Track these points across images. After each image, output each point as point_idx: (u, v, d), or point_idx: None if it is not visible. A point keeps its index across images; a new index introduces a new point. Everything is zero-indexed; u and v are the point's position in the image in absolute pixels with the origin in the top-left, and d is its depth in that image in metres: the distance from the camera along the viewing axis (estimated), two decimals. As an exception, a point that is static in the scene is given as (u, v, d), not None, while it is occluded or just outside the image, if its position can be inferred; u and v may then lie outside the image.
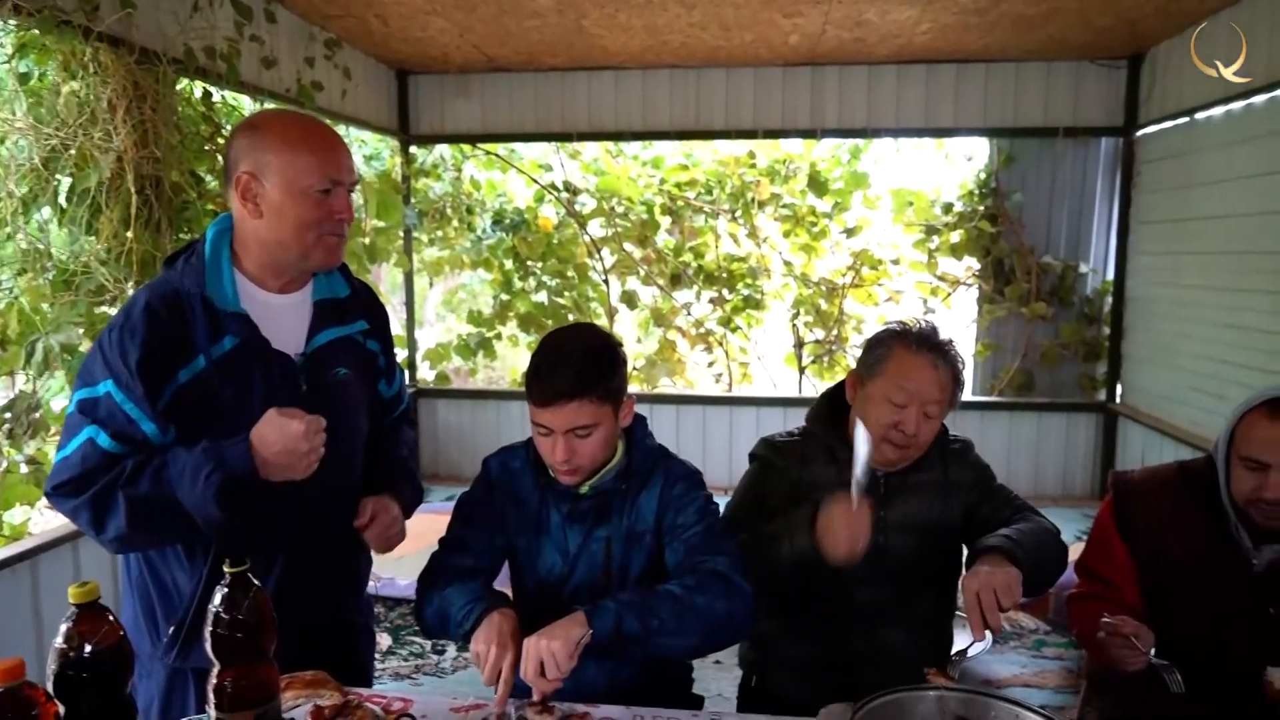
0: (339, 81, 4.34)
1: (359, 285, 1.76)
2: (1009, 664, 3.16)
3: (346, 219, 1.56)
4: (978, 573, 1.52)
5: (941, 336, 1.80)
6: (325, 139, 1.56)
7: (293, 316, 1.60)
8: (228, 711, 1.18)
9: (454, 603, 1.60)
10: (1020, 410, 5.34)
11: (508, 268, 5.95)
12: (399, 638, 3.36)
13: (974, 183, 5.53)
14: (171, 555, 1.56)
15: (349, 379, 1.65)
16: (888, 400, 1.73)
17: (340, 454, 1.66)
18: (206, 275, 1.52)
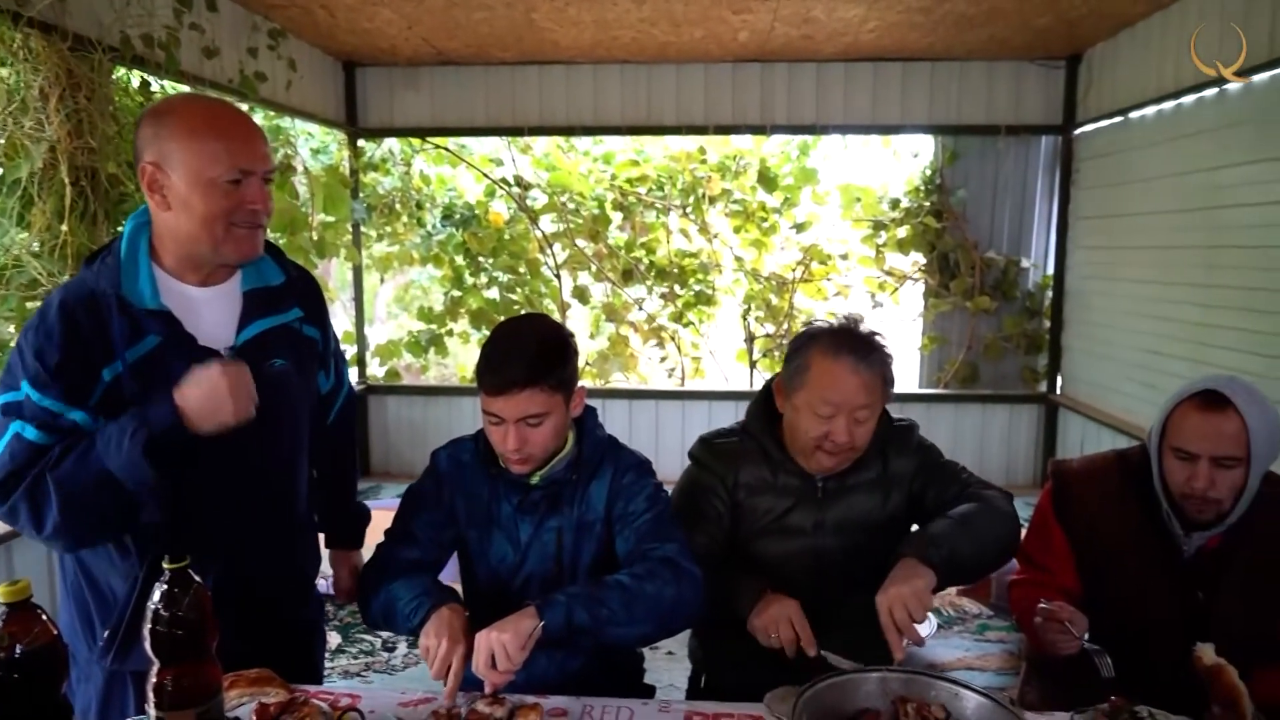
0: (284, 73, 4.26)
1: (294, 271, 1.70)
2: (953, 648, 3.25)
3: (261, 210, 1.49)
4: (887, 589, 1.51)
5: (863, 331, 1.74)
6: (233, 125, 1.48)
7: (220, 309, 1.55)
8: (168, 710, 1.17)
9: (401, 597, 1.59)
10: (965, 402, 5.47)
11: (459, 263, 5.90)
12: (349, 635, 3.32)
13: (920, 179, 5.64)
14: (106, 556, 1.52)
15: (287, 370, 1.61)
16: (814, 413, 1.69)
17: (282, 446, 1.64)
18: (122, 274, 1.46)
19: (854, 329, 1.74)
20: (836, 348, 1.69)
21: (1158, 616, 1.74)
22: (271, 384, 1.57)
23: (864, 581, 1.68)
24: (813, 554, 1.79)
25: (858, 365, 1.67)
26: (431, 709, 1.48)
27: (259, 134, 1.52)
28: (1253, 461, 1.63)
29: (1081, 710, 1.39)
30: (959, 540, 1.61)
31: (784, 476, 1.79)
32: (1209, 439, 1.63)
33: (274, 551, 1.66)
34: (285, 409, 1.62)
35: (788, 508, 1.79)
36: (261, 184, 1.49)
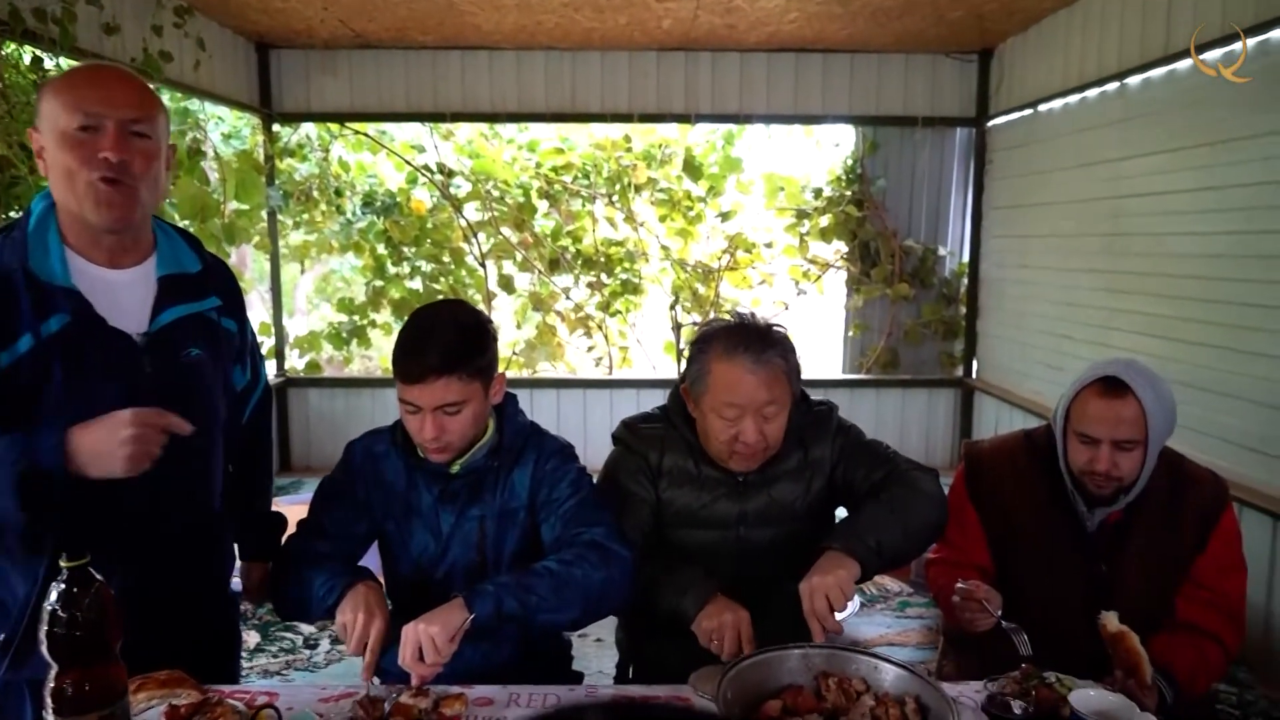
0: (192, 52, 4.08)
1: (212, 260, 1.64)
2: (875, 625, 3.34)
3: (113, 159, 1.36)
4: (810, 578, 1.51)
5: (758, 326, 1.72)
6: (94, 76, 1.40)
7: (133, 293, 1.48)
8: (69, 716, 1.11)
9: (314, 581, 1.55)
10: (886, 387, 5.62)
11: (380, 253, 5.76)
12: (268, 634, 3.22)
13: (841, 169, 5.74)
14: (4, 555, 1.44)
15: (202, 361, 1.55)
16: (720, 417, 1.67)
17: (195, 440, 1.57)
18: (30, 249, 1.39)
19: (749, 325, 1.72)
20: (732, 348, 1.67)
21: (1064, 588, 1.81)
22: (186, 375, 1.51)
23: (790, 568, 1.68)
24: (736, 545, 1.79)
25: (755, 364, 1.64)
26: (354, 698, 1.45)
27: (124, 83, 1.42)
28: (1150, 442, 1.71)
29: (994, 678, 1.44)
30: (887, 529, 1.62)
31: (706, 468, 1.79)
32: (1109, 424, 1.70)
33: (188, 549, 1.60)
34: (199, 402, 1.55)
35: (710, 500, 1.78)
36: (118, 133, 1.37)
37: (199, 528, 1.62)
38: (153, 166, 1.43)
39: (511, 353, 6.06)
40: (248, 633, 3.23)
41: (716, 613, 1.56)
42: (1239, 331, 2.98)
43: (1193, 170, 3.24)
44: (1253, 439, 2.90)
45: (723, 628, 1.53)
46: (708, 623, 1.55)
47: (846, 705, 1.30)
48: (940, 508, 1.74)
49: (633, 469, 1.82)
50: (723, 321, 1.76)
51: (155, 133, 1.43)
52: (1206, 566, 1.78)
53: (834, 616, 1.49)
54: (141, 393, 1.44)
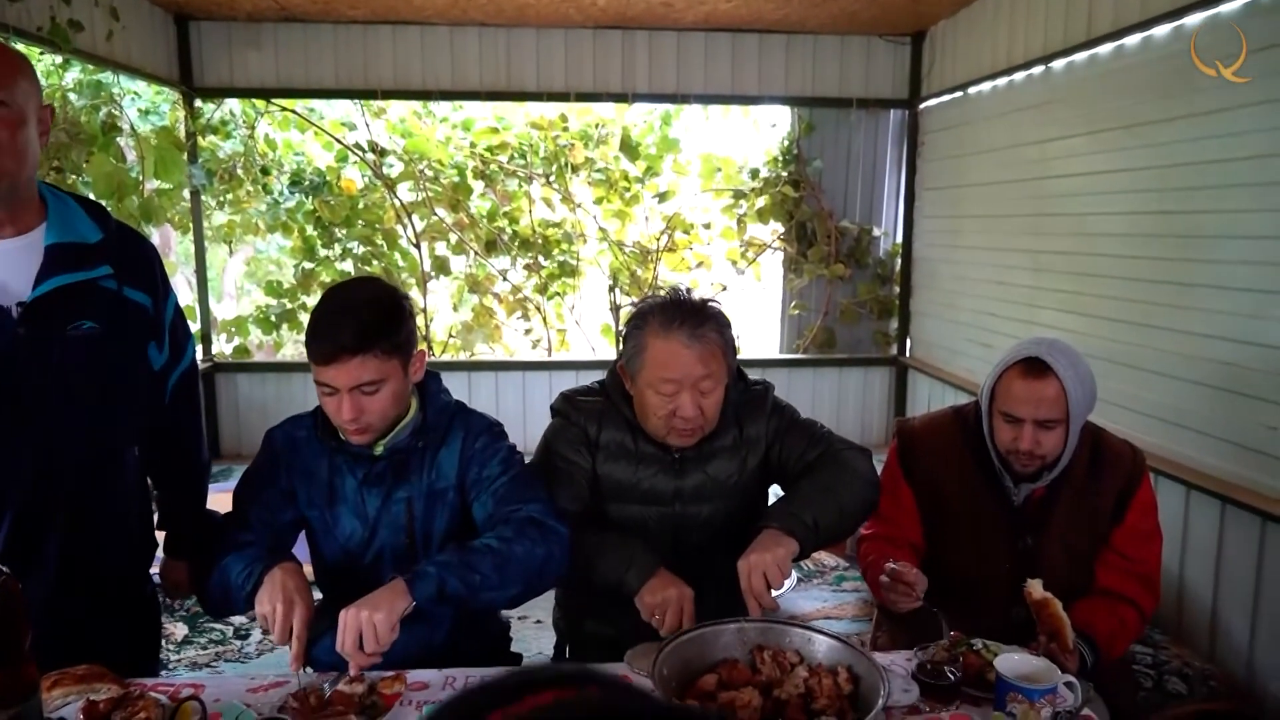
0: (104, 22, 3.88)
1: (117, 229, 1.56)
2: (812, 599, 3.40)
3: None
4: (749, 555, 1.53)
5: (693, 301, 1.72)
6: None
7: (14, 262, 1.42)
8: (-24, 715, 1.06)
9: (232, 569, 1.51)
10: (823, 366, 5.70)
11: (310, 234, 5.60)
12: (196, 626, 3.13)
13: (778, 150, 5.78)
14: None
15: (96, 334, 1.47)
16: (657, 392, 1.68)
17: (95, 418, 1.50)
18: None
19: (684, 301, 1.72)
20: (667, 324, 1.67)
21: (992, 561, 1.86)
22: (75, 347, 1.44)
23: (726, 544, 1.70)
24: (672, 521, 1.80)
25: (690, 338, 1.65)
26: (284, 694, 1.41)
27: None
28: (1071, 420, 1.76)
29: (924, 647, 1.48)
30: (823, 508, 1.64)
31: (643, 444, 1.79)
32: (1031, 404, 1.75)
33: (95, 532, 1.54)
34: (97, 375, 1.48)
35: (646, 476, 1.79)
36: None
37: (108, 512, 1.56)
38: (18, 134, 1.37)
39: (448, 336, 5.98)
40: (174, 624, 3.13)
41: (660, 588, 1.56)
42: (1154, 308, 3.09)
43: (1110, 152, 3.35)
44: (1168, 411, 3.03)
45: (665, 603, 1.54)
46: (650, 598, 1.55)
47: (781, 677, 1.32)
48: (873, 487, 1.78)
49: (571, 439, 1.81)
50: (658, 298, 1.75)
51: (14, 99, 1.36)
52: (1125, 535, 1.86)
53: (771, 594, 1.51)
54: (19, 366, 1.38)
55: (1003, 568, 1.85)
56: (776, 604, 1.54)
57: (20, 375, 1.39)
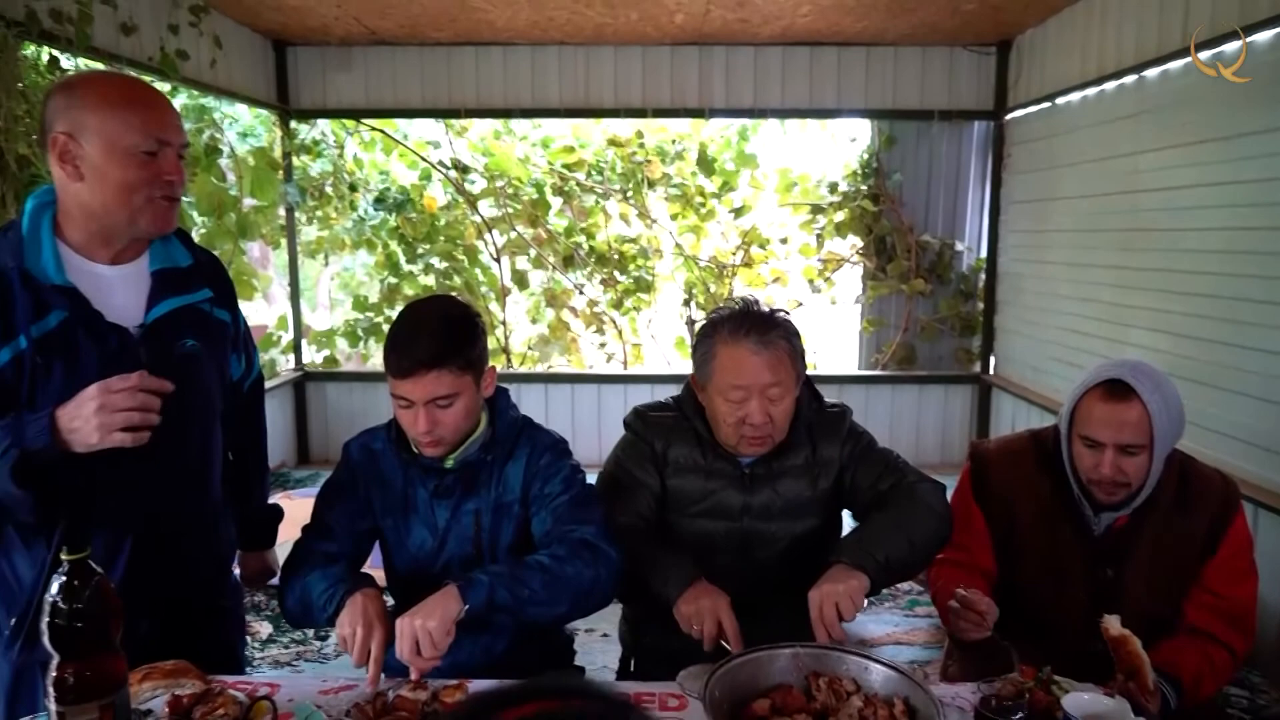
0: (208, 51, 4.12)
1: (202, 254, 1.69)
2: (883, 623, 3.32)
3: (177, 181, 1.49)
4: (820, 586, 1.52)
5: (762, 311, 1.75)
6: (149, 96, 1.49)
7: (128, 288, 1.53)
8: (70, 705, 1.14)
9: (315, 588, 1.57)
10: (902, 383, 5.58)
11: (392, 249, 5.79)
12: (280, 625, 3.27)
13: (857, 163, 5.70)
14: (11, 542, 1.48)
15: (197, 351, 1.58)
16: (726, 399, 1.70)
17: (194, 427, 1.61)
18: (25, 249, 1.43)
19: (752, 310, 1.75)
20: (736, 332, 1.70)
21: (1069, 593, 1.79)
22: (183, 364, 1.55)
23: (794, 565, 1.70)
24: (739, 537, 1.80)
25: (759, 345, 1.68)
26: (353, 698, 1.47)
27: (172, 108, 1.52)
28: (1155, 445, 1.68)
29: (989, 680, 1.44)
30: (893, 544, 1.63)
31: (713, 459, 1.80)
32: (1113, 428, 1.68)
33: (189, 536, 1.63)
34: (196, 390, 1.59)
35: (715, 490, 1.80)
36: (177, 156, 1.49)
37: (200, 513, 1.66)
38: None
39: (526, 348, 6.09)
40: (260, 623, 3.28)
41: (695, 597, 1.57)
42: (1252, 329, 2.93)
43: (1205, 165, 3.20)
44: (1266, 438, 2.86)
45: (700, 612, 1.54)
46: (686, 607, 1.56)
47: (836, 705, 1.30)
48: (946, 522, 1.75)
49: (639, 455, 1.85)
50: (728, 308, 1.78)
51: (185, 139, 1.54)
52: (1216, 571, 1.75)
53: (841, 626, 1.50)
54: None
55: (1080, 600, 1.77)
56: (845, 636, 1.52)
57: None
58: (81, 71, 2.34)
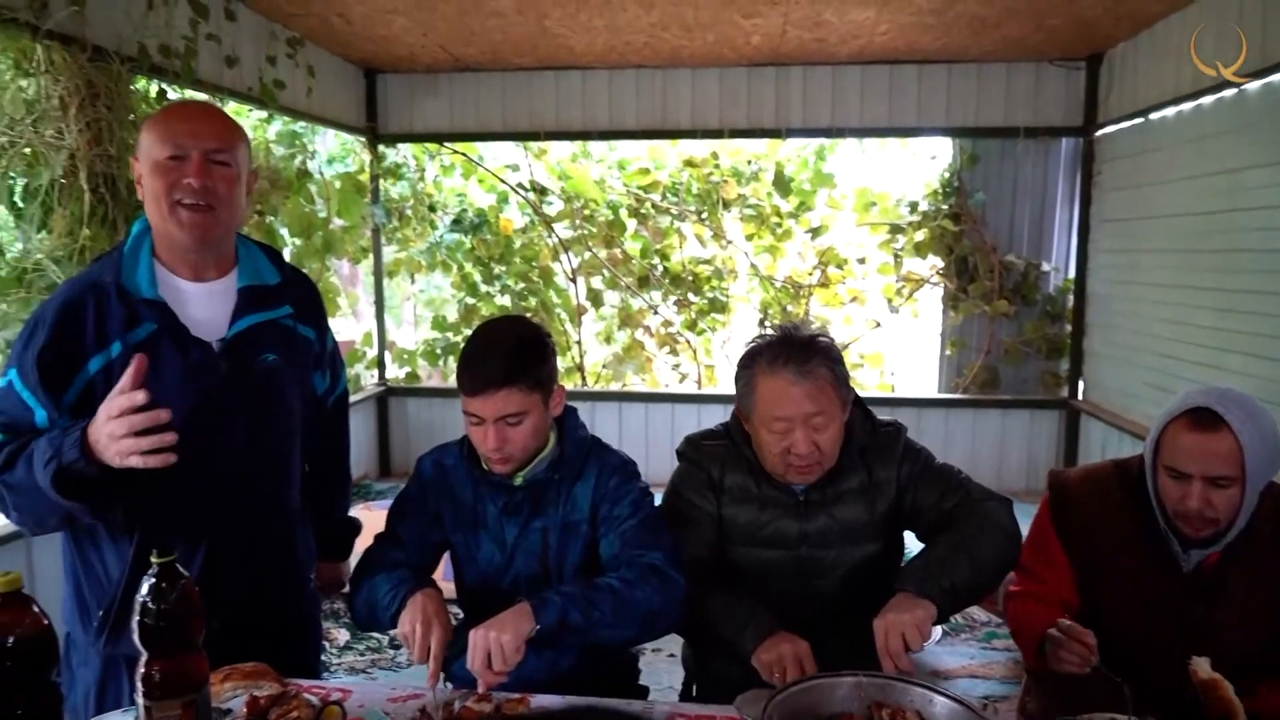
0: (303, 80, 4.33)
1: (291, 272, 1.76)
2: (958, 655, 3.21)
3: (196, 186, 1.50)
4: (885, 615, 1.49)
5: (801, 337, 1.71)
6: (182, 110, 1.59)
7: (214, 303, 1.60)
8: (156, 700, 1.20)
9: (380, 589, 1.62)
10: (984, 407, 5.42)
11: (468, 270, 5.93)
12: (356, 633, 3.37)
13: (938, 182, 5.60)
14: (99, 540, 1.57)
15: (278, 365, 1.65)
16: (770, 430, 1.68)
17: (272, 438, 1.67)
18: (123, 265, 1.54)
19: (791, 337, 1.72)
20: (774, 362, 1.68)
21: (1157, 632, 1.70)
22: (262, 377, 1.62)
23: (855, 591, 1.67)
24: (797, 565, 1.77)
25: (798, 375, 1.65)
26: (418, 705, 1.51)
27: (209, 118, 1.58)
28: (1248, 478, 1.58)
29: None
30: (959, 570, 1.58)
31: (766, 488, 1.78)
32: (1201, 459, 1.59)
33: (267, 543, 1.70)
34: (275, 402, 1.66)
35: (770, 520, 1.78)
36: (201, 162, 1.51)
37: (278, 521, 1.72)
38: (233, 191, 1.57)
39: (601, 366, 6.15)
40: (338, 630, 3.39)
41: (774, 645, 1.54)
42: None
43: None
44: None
45: (782, 659, 1.52)
46: (766, 655, 1.54)
47: (898, 736, 1.27)
48: (1014, 542, 1.69)
49: (696, 484, 1.83)
50: (767, 336, 1.76)
51: (235, 161, 1.57)
52: (1319, 615, 1.65)
53: (907, 656, 1.47)
54: (217, 395, 1.56)
55: (1168, 640, 1.67)
56: (913, 666, 1.49)
57: (222, 403, 1.57)
58: None
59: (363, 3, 3.82)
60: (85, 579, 1.59)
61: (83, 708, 1.59)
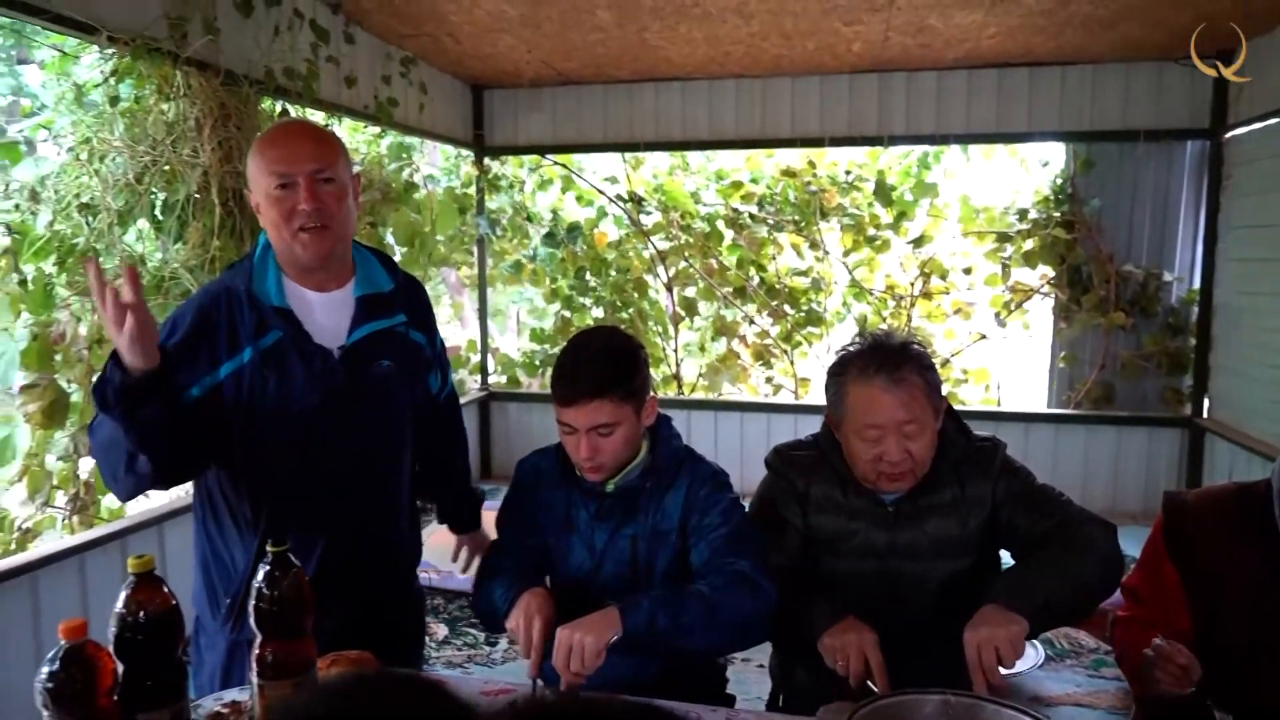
0: (415, 97, 4.53)
1: (403, 279, 1.84)
2: (1063, 682, 3.07)
3: (308, 209, 1.59)
4: (978, 628, 1.46)
5: (893, 344, 1.71)
6: (282, 137, 1.64)
7: (335, 312, 1.70)
8: (269, 680, 1.28)
9: (494, 592, 1.69)
10: (1098, 424, 5.15)
11: (560, 282, 6.04)
12: (455, 629, 3.49)
13: (1050, 189, 5.37)
14: (228, 530, 1.69)
15: (390, 371, 1.73)
16: (861, 438, 1.68)
17: (384, 437, 1.77)
18: (254, 274, 1.65)
19: (882, 344, 1.71)
20: (865, 370, 1.68)
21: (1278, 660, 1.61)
22: (377, 382, 1.71)
23: (947, 607, 1.64)
24: (885, 576, 1.75)
25: (890, 383, 1.65)
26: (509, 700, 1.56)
27: (310, 140, 1.65)
28: None
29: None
30: (1054, 588, 1.55)
31: (854, 497, 1.77)
32: None
33: (376, 539, 1.79)
34: (388, 405, 1.75)
35: (858, 529, 1.76)
36: (309, 186, 1.59)
37: (387, 517, 1.82)
38: (343, 204, 1.66)
39: (697, 376, 6.16)
40: (437, 625, 3.52)
41: (840, 631, 1.54)
42: None
43: None
44: None
45: (845, 646, 1.51)
46: (830, 640, 1.54)
47: (985, 758, 1.24)
48: (1113, 568, 1.65)
49: (781, 495, 1.84)
50: (859, 343, 1.75)
51: (339, 175, 1.65)
52: None
53: (1000, 672, 1.43)
54: (336, 399, 1.65)
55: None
56: (1006, 684, 1.45)
57: (340, 407, 1.67)
58: None
59: (471, 22, 3.97)
60: (215, 569, 1.72)
61: (208, 687, 1.71)
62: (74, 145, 2.71)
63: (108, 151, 2.69)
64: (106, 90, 2.69)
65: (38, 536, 2.82)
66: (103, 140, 2.67)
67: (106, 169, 2.69)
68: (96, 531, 2.80)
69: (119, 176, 2.69)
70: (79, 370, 2.67)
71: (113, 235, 2.70)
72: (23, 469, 2.71)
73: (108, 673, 1.15)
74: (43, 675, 1.11)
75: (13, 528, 2.75)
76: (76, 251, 2.65)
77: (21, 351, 2.57)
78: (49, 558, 2.58)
